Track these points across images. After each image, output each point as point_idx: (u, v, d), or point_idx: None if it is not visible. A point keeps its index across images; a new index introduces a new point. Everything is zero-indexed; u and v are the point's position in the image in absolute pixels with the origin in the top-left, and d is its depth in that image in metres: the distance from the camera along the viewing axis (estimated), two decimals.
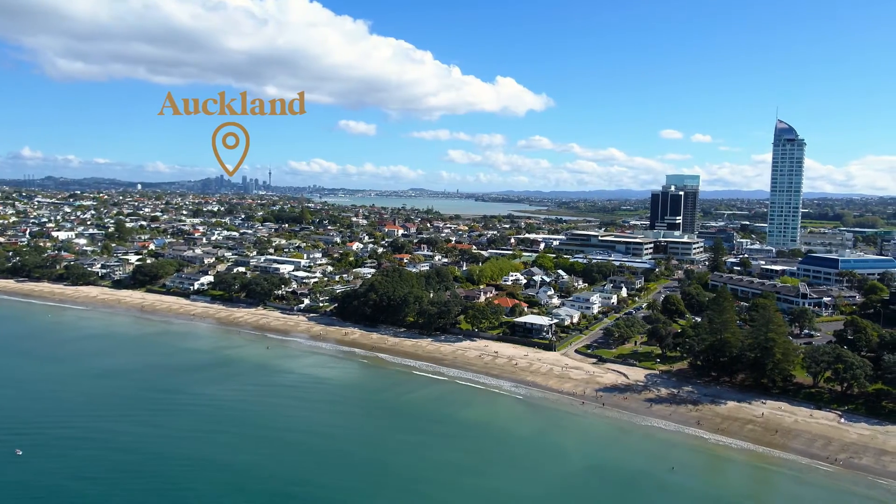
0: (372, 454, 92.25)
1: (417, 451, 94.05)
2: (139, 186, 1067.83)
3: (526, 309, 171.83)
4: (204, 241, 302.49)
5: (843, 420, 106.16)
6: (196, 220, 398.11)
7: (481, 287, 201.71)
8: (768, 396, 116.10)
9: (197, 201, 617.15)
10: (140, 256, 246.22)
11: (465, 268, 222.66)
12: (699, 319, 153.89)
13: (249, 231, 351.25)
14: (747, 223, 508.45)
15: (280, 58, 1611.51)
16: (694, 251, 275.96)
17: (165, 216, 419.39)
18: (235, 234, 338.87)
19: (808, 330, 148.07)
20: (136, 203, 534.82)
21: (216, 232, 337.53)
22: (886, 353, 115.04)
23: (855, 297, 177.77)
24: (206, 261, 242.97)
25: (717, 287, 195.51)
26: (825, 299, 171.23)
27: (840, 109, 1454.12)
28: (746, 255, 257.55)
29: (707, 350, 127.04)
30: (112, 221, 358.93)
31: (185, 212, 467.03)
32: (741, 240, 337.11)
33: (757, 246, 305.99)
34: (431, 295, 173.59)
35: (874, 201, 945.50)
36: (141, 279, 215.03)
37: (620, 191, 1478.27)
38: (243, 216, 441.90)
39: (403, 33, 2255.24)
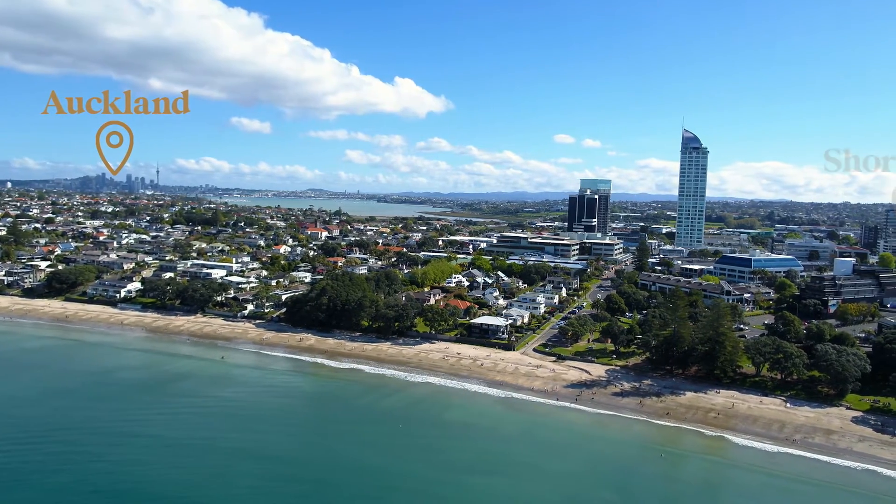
0: (374, 458, 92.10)
1: (418, 453, 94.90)
2: (9, 185, 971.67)
3: (477, 310, 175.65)
4: (115, 244, 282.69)
5: (788, 405, 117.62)
6: (97, 223, 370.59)
7: (426, 289, 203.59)
8: (720, 386, 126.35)
9: (86, 201, 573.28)
10: (50, 262, 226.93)
11: (405, 270, 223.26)
12: (640, 316, 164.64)
13: (161, 234, 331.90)
14: (643, 224, 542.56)
15: (167, 49, 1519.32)
16: (616, 252, 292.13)
17: (60, 218, 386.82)
18: (146, 237, 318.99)
19: (738, 324, 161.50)
20: (19, 203, 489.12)
21: (124, 235, 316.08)
22: (818, 343, 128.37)
23: (769, 293, 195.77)
24: (125, 266, 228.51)
25: (647, 286, 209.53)
26: (746, 295, 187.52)
27: (714, 119, 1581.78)
28: (663, 256, 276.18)
29: (661, 345, 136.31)
30: (2, 224, 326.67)
31: (80, 213, 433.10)
32: (650, 241, 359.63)
33: (669, 247, 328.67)
34: (385, 298, 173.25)
35: (746, 204, 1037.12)
36: (57, 287, 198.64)
37: (516, 193, 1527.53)
38: (149, 218, 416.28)
39: (300, 29, 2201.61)
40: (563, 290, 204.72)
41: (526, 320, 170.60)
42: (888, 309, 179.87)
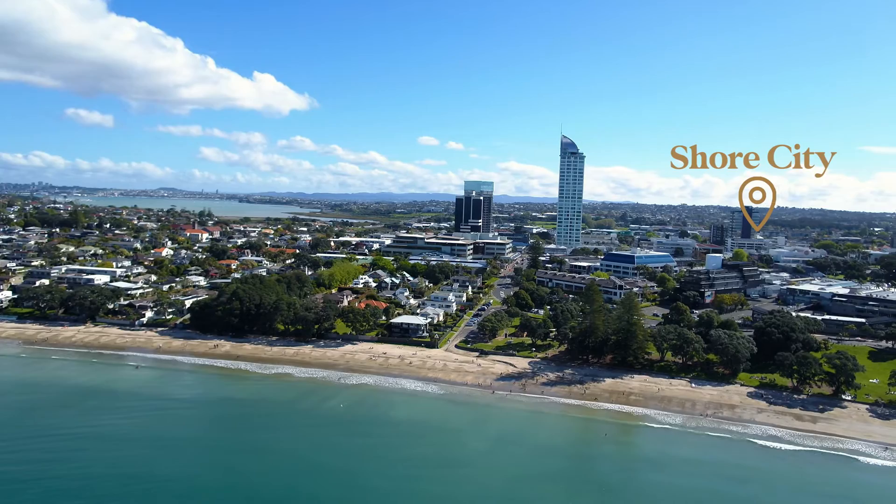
0: (335, 460, 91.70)
1: (378, 452, 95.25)
2: None
3: (394, 310, 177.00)
4: None
5: (693, 385, 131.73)
6: None
7: (333, 290, 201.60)
8: (633, 372, 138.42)
9: None
10: None
11: (309, 272, 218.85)
12: (550, 310, 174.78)
13: (14, 237, 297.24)
14: (514, 225, 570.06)
15: None
16: (507, 251, 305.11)
17: None
18: None
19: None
20: None
21: None
22: (711, 330, 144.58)
23: (653, 286, 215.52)
24: None
25: (545, 282, 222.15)
26: (635, 289, 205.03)
27: (573, 124, 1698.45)
28: (551, 254, 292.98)
29: (578, 336, 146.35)
30: None
31: None
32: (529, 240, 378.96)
33: (552, 246, 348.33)
34: (300, 300, 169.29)
35: (600, 206, 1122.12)
36: None
37: (382, 194, 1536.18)
38: None
39: (149, 15, 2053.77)
40: (469, 288, 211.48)
41: (442, 318, 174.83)
42: (751, 298, 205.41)
